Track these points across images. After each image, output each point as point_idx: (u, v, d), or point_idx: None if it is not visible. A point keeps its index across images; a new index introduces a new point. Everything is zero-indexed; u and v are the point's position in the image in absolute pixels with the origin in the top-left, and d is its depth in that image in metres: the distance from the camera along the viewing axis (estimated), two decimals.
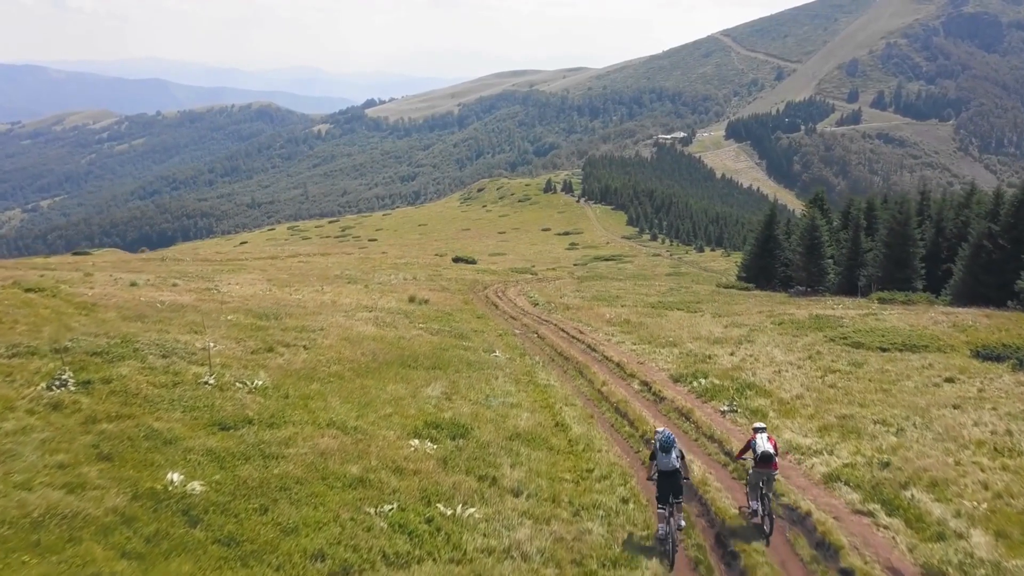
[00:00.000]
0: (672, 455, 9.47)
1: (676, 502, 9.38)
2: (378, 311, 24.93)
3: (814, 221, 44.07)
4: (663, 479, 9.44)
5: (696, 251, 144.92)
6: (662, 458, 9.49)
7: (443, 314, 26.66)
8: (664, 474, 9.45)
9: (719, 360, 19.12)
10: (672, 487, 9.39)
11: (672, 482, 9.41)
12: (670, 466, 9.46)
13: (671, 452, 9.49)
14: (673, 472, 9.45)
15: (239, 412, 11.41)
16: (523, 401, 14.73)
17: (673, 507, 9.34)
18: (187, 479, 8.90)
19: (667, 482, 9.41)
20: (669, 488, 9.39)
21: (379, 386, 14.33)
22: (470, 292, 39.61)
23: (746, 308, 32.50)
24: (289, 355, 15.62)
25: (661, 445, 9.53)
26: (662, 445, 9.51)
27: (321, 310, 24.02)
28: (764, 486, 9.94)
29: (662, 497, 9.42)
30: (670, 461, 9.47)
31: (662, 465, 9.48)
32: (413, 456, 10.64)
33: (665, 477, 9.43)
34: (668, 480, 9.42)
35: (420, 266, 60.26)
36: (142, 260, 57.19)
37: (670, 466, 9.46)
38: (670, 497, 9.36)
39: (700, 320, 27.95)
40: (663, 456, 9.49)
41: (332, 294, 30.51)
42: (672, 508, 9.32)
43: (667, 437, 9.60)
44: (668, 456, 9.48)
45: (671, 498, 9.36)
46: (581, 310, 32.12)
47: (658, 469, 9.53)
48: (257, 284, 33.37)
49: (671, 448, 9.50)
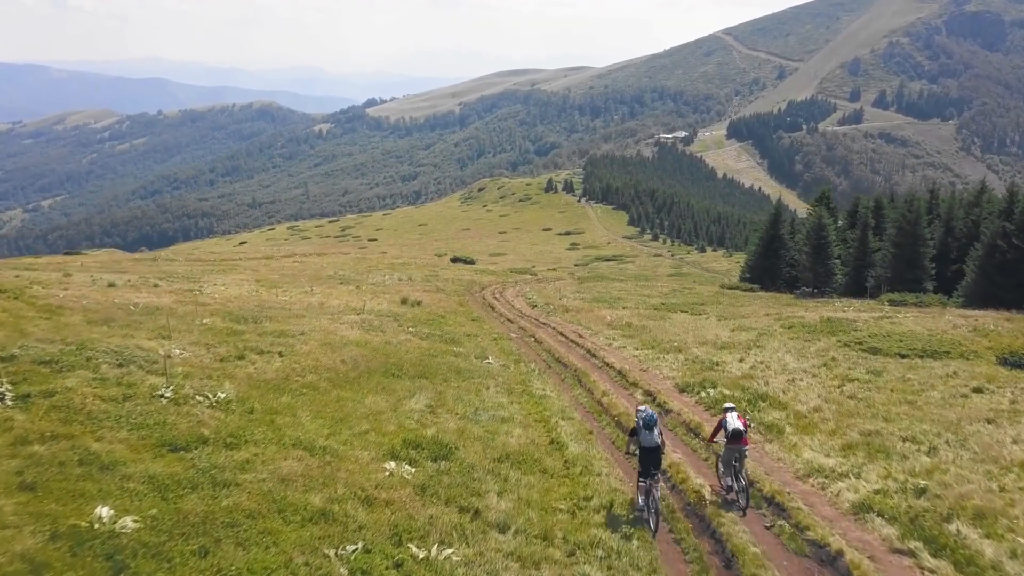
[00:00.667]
0: (655, 432, 10.07)
1: (655, 475, 9.95)
2: (366, 314, 23.66)
3: (821, 220, 42.75)
4: (645, 454, 10.03)
5: (698, 251, 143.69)
6: (645, 435, 10.07)
7: (435, 317, 25.38)
8: (646, 450, 10.04)
9: (728, 367, 17.83)
10: (653, 462, 10.01)
11: (653, 457, 10.02)
12: (652, 443, 10.04)
13: (653, 430, 10.07)
14: (655, 448, 10.04)
15: (194, 430, 10.14)
16: (515, 415, 13.45)
17: (652, 481, 9.90)
18: (118, 514, 7.63)
19: (649, 457, 10.01)
20: (650, 463, 10.00)
21: (357, 398, 13.04)
22: (466, 293, 38.32)
23: (752, 310, 31.21)
24: (261, 363, 14.34)
25: (644, 423, 10.08)
26: (645, 423, 10.07)
27: (306, 313, 22.77)
28: (737, 462, 10.43)
29: (644, 472, 10.02)
30: (652, 438, 10.06)
31: (645, 442, 10.06)
32: (387, 482, 9.36)
33: (647, 453, 10.03)
34: (650, 456, 10.01)
35: (417, 266, 59.00)
36: (133, 260, 55.97)
37: (652, 443, 10.04)
38: (651, 471, 9.95)
39: (705, 323, 26.65)
40: (646, 433, 10.06)
41: (321, 295, 29.25)
42: (651, 481, 9.90)
43: (650, 416, 10.17)
44: (651, 433, 10.06)
45: (652, 471, 9.95)
46: (581, 312, 30.85)
47: (641, 445, 10.10)
48: (244, 285, 32.12)
49: (653, 426, 10.08)
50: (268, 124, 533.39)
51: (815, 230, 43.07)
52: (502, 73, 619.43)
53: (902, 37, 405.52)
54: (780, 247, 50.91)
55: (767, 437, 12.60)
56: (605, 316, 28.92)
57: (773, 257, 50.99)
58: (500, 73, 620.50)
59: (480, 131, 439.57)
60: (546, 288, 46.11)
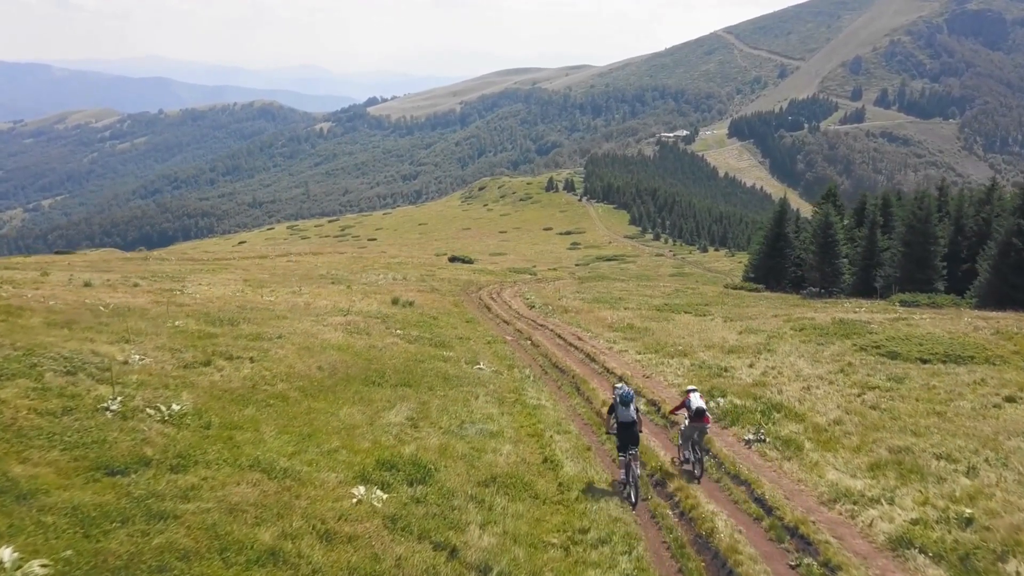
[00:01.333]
0: (631, 408, 10.68)
1: (633, 451, 10.47)
2: (353, 315, 22.42)
3: (828, 218, 41.45)
4: (623, 429, 10.59)
5: (700, 251, 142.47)
6: (622, 411, 10.66)
7: (427, 319, 24.13)
8: (624, 425, 10.59)
9: (737, 374, 16.57)
10: (631, 437, 10.54)
11: (631, 432, 10.57)
12: (629, 418, 10.63)
13: (630, 406, 10.68)
14: (631, 423, 10.62)
15: (136, 450, 8.90)
16: (506, 428, 12.18)
17: (631, 456, 10.42)
18: (25, 556, 6.40)
19: (626, 432, 10.57)
20: (628, 438, 10.53)
21: (331, 410, 11.79)
22: (462, 294, 37.07)
23: (759, 311, 29.96)
24: (229, 370, 13.09)
25: (621, 400, 10.70)
26: (622, 400, 10.68)
27: (289, 314, 21.53)
28: (697, 438, 11.18)
29: (622, 446, 10.54)
30: (629, 413, 10.65)
31: (622, 417, 10.64)
32: (353, 512, 8.11)
33: (625, 428, 10.58)
34: (627, 430, 10.57)
35: (414, 265, 57.76)
36: (123, 259, 54.70)
37: (629, 418, 10.63)
38: (629, 446, 10.47)
39: (711, 325, 25.40)
40: (623, 410, 10.66)
41: (309, 295, 28.02)
42: (630, 456, 10.41)
43: (627, 393, 10.80)
44: (628, 409, 10.65)
45: (630, 447, 10.47)
46: (581, 313, 29.61)
47: (619, 421, 10.66)
48: (230, 285, 30.90)
49: (630, 403, 10.70)
50: (269, 123, 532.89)
51: (822, 228, 41.77)
52: (503, 72, 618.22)
53: (903, 36, 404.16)
54: (785, 246, 49.65)
55: (784, 454, 11.33)
56: (606, 317, 27.68)
57: (778, 256, 49.73)
58: (501, 72, 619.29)
59: (481, 130, 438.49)
60: (545, 288, 44.88)
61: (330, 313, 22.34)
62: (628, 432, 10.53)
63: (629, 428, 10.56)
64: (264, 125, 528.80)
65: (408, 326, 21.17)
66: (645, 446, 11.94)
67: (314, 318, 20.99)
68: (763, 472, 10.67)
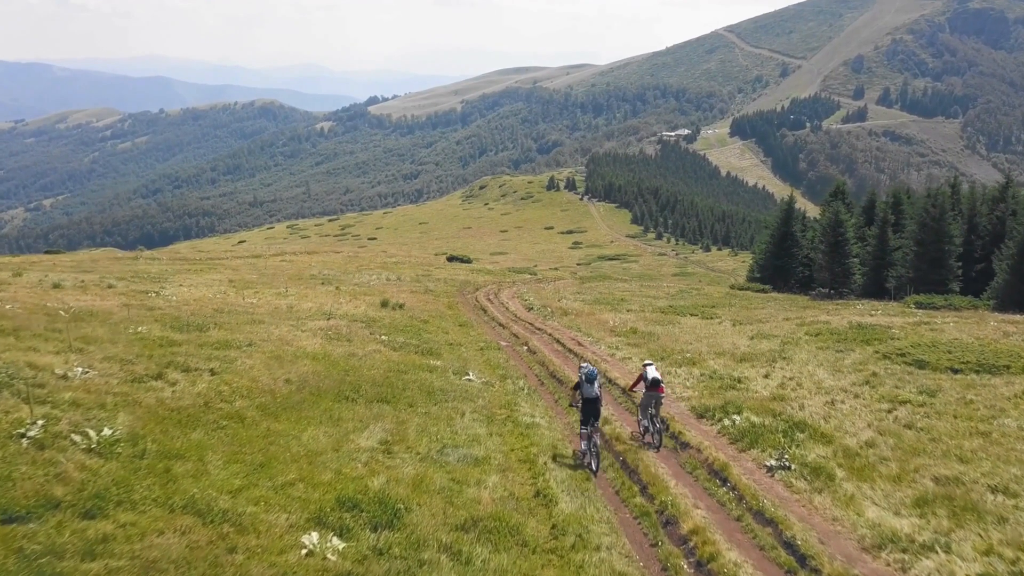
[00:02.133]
0: (595, 385, 11.40)
1: (595, 423, 11.26)
2: (338, 318, 20.95)
3: (838, 216, 39.90)
4: (587, 405, 11.29)
5: (702, 250, 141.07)
6: (587, 388, 11.38)
7: (417, 323, 22.64)
8: (588, 400, 11.30)
9: (752, 385, 15.07)
10: (593, 411, 11.27)
11: (594, 407, 11.28)
12: (593, 394, 11.32)
13: (594, 383, 11.39)
14: (595, 399, 11.31)
15: (44, 489, 7.41)
16: (494, 453, 10.65)
17: (593, 428, 11.21)
18: None
19: (590, 407, 11.26)
20: (591, 412, 11.24)
21: (293, 432, 10.29)
22: (458, 295, 35.57)
23: (768, 313, 28.46)
24: (184, 384, 11.60)
25: (586, 378, 11.44)
26: (587, 378, 11.43)
27: (268, 318, 20.07)
28: (653, 408, 12.04)
29: (585, 420, 11.26)
30: (593, 390, 11.35)
31: (586, 393, 11.34)
32: (299, 570, 6.63)
33: (588, 403, 11.28)
34: (591, 406, 11.27)
35: (410, 265, 56.27)
36: (113, 259, 53.09)
37: (593, 394, 11.32)
38: (591, 420, 11.21)
39: (719, 329, 23.89)
40: (588, 386, 11.38)
41: (295, 297, 26.56)
42: (592, 429, 11.21)
43: (591, 371, 11.55)
44: (592, 386, 11.37)
45: (592, 420, 11.22)
46: (581, 316, 28.10)
47: (583, 397, 11.37)
48: (214, 285, 29.46)
49: (594, 380, 11.42)
50: (270, 122, 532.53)
51: (832, 227, 40.23)
52: (504, 71, 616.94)
53: (906, 34, 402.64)
54: (792, 245, 48.15)
55: (814, 485, 9.81)
56: (608, 320, 26.18)
57: (785, 256, 48.23)
58: (502, 71, 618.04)
59: (482, 129, 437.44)
60: (545, 289, 43.38)
61: (312, 317, 20.86)
62: (591, 407, 11.27)
63: (592, 404, 11.30)
64: (265, 124, 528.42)
65: (394, 331, 19.66)
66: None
67: (294, 322, 19.51)
68: (791, 508, 9.14)
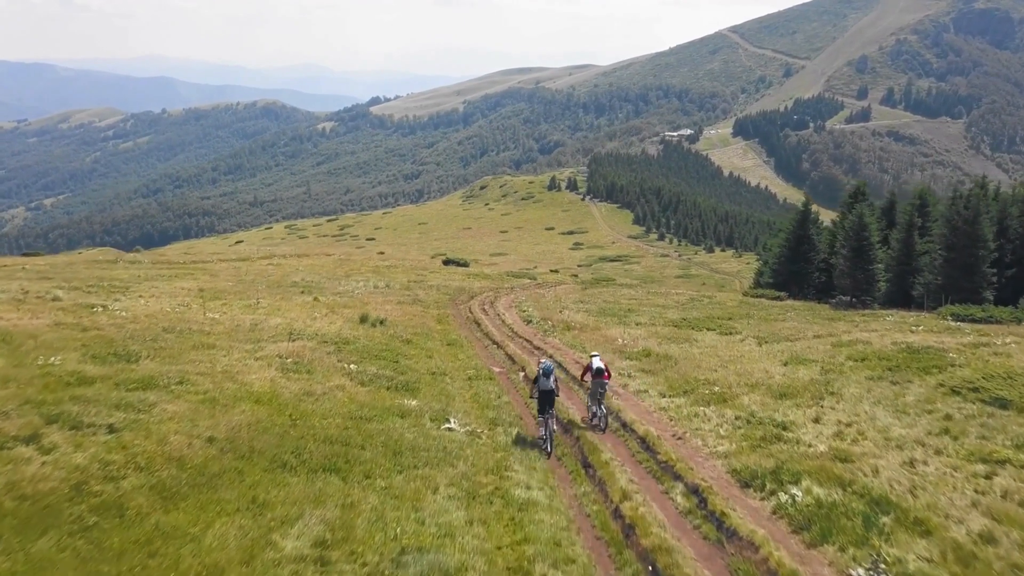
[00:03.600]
0: (551, 379, 12.87)
1: (551, 411, 12.72)
2: (306, 339, 18.06)
3: (862, 219, 36.92)
4: (543, 396, 12.78)
5: (706, 251, 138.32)
6: (543, 381, 12.83)
7: (398, 343, 19.69)
8: (544, 392, 12.78)
9: (802, 434, 12.12)
10: (549, 402, 12.75)
11: (549, 398, 12.75)
12: (548, 387, 12.78)
13: (550, 377, 12.86)
14: (550, 391, 12.75)
15: None
16: (473, 558, 7.55)
17: (548, 416, 12.70)
18: None
19: (546, 398, 12.75)
20: (547, 403, 12.74)
21: (194, 529, 7.33)
22: (450, 305, 32.61)
23: (794, 328, 25.52)
24: (63, 451, 8.65)
25: (543, 372, 12.92)
26: (544, 372, 12.94)
27: (223, 340, 17.17)
28: (600, 394, 13.84)
29: (541, 409, 12.81)
30: (549, 383, 12.80)
31: (542, 386, 12.81)
32: None
33: (544, 395, 12.76)
34: (546, 397, 12.76)
35: (404, 270, 53.33)
36: (89, 262, 50.11)
37: (548, 387, 12.78)
38: (547, 409, 12.71)
39: (743, 349, 20.94)
40: (544, 380, 12.83)
41: (265, 310, 23.66)
42: (548, 417, 12.70)
43: (547, 366, 13.09)
44: (548, 380, 12.82)
45: (548, 409, 12.71)
46: (585, 331, 25.17)
47: (540, 389, 12.82)
48: (180, 296, 26.55)
49: (550, 375, 12.90)
50: (271, 122, 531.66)
51: (855, 230, 37.24)
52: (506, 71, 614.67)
53: (910, 35, 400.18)
54: (809, 250, 45.20)
55: None
56: (616, 337, 23.25)
57: (801, 261, 45.29)
58: (504, 71, 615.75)
59: (484, 129, 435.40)
60: (545, 296, 40.44)
61: (275, 337, 17.96)
62: (547, 398, 12.51)
63: (548, 395, 12.52)
64: (267, 124, 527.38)
65: (367, 358, 16.67)
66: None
67: (251, 346, 16.62)
68: None
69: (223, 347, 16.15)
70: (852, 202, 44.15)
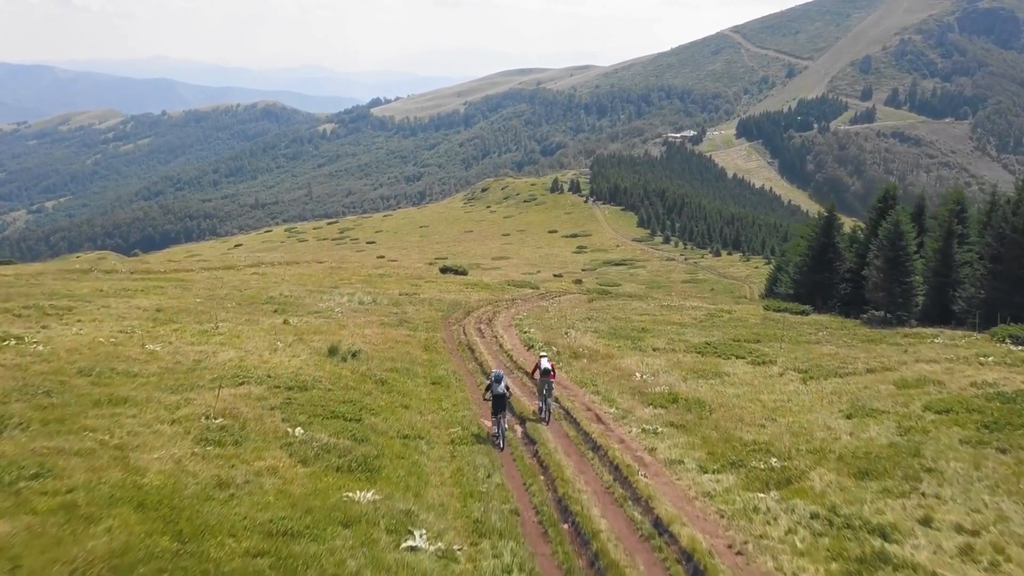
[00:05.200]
0: (502, 385, 14.15)
1: (502, 413, 14.12)
2: (254, 383, 14.54)
3: (899, 227, 33.29)
4: (496, 400, 14.11)
5: (712, 255, 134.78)
6: (495, 387, 14.14)
7: (370, 384, 16.07)
8: (496, 396, 14.09)
9: (913, 548, 8.52)
10: (501, 405, 14.11)
11: (501, 402, 14.10)
12: (500, 392, 14.06)
13: (501, 383, 14.15)
14: (502, 395, 14.06)
15: None
16: None
17: (500, 416, 14.10)
18: None
19: (498, 402, 14.11)
20: (499, 406, 14.12)
21: None
22: (443, 324, 28.99)
23: (834, 353, 21.98)
24: None
25: (495, 379, 14.28)
26: (495, 380, 14.26)
27: (145, 389, 13.65)
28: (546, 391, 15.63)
29: (495, 411, 14.21)
30: (500, 389, 14.09)
31: (495, 391, 14.11)
32: None
33: (497, 398, 14.10)
34: (499, 400, 14.10)
35: (397, 279, 49.77)
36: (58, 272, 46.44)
37: (500, 392, 14.06)
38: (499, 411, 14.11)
39: (786, 387, 17.39)
40: (496, 385, 14.14)
41: (221, 338, 20.15)
42: (500, 417, 14.10)
43: (498, 374, 14.50)
44: (499, 386, 14.12)
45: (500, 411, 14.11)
46: (596, 360, 21.62)
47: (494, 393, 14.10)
48: (129, 319, 23.02)
49: (501, 381, 14.19)
50: (272, 124, 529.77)
51: (891, 239, 33.61)
52: (507, 72, 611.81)
53: (914, 34, 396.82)
54: (834, 259, 41.61)
55: None
56: (632, 370, 19.71)
57: (826, 271, 41.70)
58: (505, 72, 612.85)
59: (485, 131, 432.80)
60: (548, 311, 36.86)
61: (216, 380, 14.41)
62: (499, 401, 14.06)
63: (500, 399, 14.04)
64: (267, 126, 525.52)
65: (321, 416, 12.89)
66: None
67: (177, 397, 13.09)
68: None
69: (138, 401, 12.61)
70: (882, 207, 40.56)
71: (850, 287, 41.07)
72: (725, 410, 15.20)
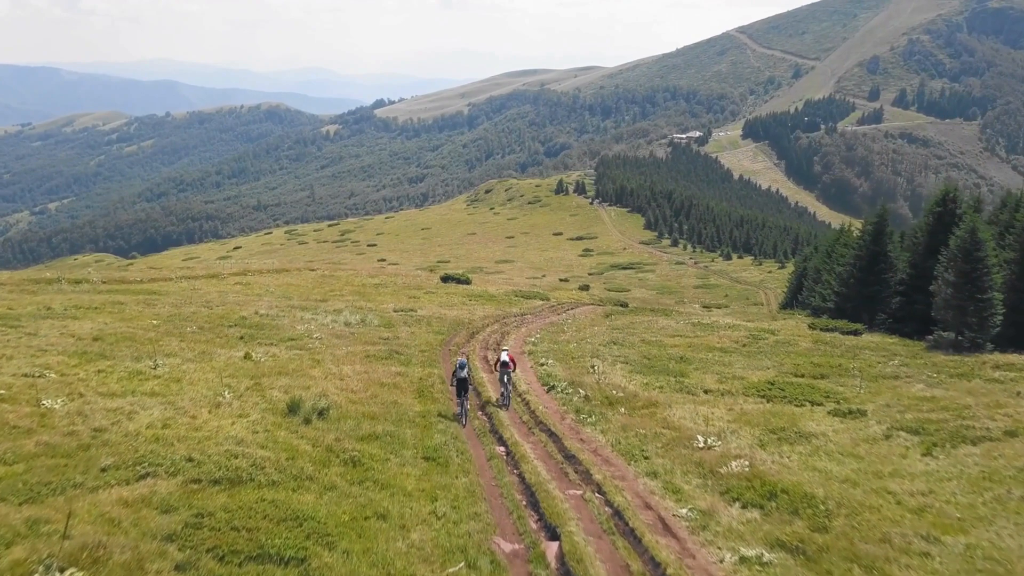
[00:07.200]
0: (464, 371, 16.40)
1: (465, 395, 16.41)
2: (163, 475, 9.86)
3: (975, 234, 28.47)
4: (459, 383, 16.38)
5: (723, 258, 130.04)
6: (459, 372, 16.38)
7: (336, 468, 11.14)
8: (459, 380, 16.36)
9: None
10: (463, 388, 16.40)
11: (463, 385, 16.38)
12: (463, 377, 16.34)
13: (464, 369, 16.41)
14: (464, 379, 16.35)
15: None
16: None
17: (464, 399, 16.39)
18: None
19: (461, 385, 16.39)
20: (462, 389, 16.40)
21: None
22: (442, 353, 24.16)
23: (931, 398, 17.29)
24: None
25: (459, 366, 16.45)
26: (460, 366, 16.45)
27: None
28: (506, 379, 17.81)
29: (458, 392, 16.46)
30: (463, 375, 16.33)
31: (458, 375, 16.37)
32: None
33: (460, 382, 16.37)
34: (462, 384, 16.39)
35: (394, 289, 45.08)
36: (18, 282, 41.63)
37: (463, 377, 16.34)
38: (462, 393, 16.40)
39: (914, 465, 12.64)
40: (460, 371, 16.37)
41: (154, 384, 15.46)
42: (463, 399, 16.39)
43: (462, 362, 16.65)
44: (462, 371, 16.35)
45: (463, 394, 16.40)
46: (637, 409, 16.86)
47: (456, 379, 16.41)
48: (50, 353, 18.34)
49: (464, 368, 16.45)
50: (275, 125, 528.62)
51: (963, 249, 28.78)
52: (511, 73, 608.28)
53: (922, 34, 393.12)
54: (885, 270, 36.81)
55: None
56: (691, 430, 14.91)
57: (876, 283, 36.88)
58: (509, 73, 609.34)
59: (489, 132, 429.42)
60: (565, 331, 32.08)
61: (111, 471, 9.73)
62: (462, 385, 16.33)
63: (463, 383, 16.30)
64: (271, 127, 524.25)
65: (239, 557, 8.02)
66: None
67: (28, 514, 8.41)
68: None
69: None
70: (940, 211, 35.68)
71: (902, 301, 36.32)
72: (849, 514, 10.44)
